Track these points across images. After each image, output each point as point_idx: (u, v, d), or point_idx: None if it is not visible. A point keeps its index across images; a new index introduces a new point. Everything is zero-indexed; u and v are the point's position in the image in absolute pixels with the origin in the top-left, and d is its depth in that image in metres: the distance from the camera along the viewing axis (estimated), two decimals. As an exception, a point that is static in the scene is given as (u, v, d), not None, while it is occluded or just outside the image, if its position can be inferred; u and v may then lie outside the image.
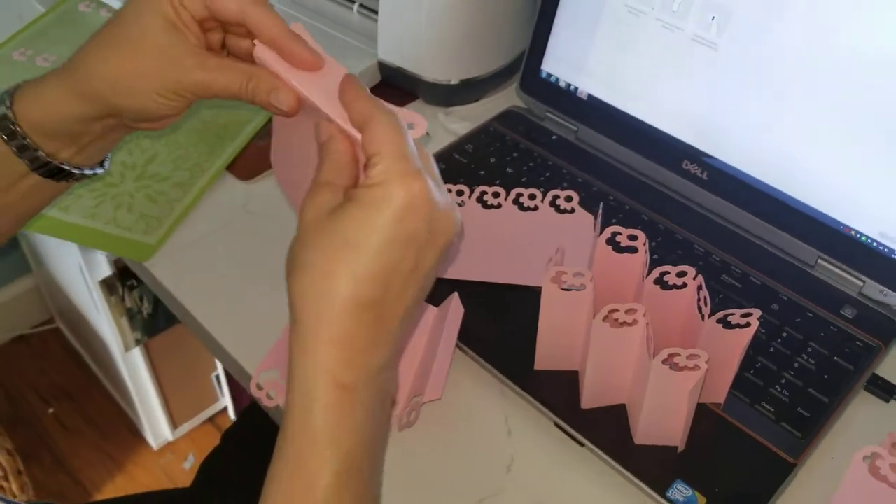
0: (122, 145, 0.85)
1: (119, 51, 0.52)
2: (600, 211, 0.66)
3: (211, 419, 1.75)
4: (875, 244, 0.67)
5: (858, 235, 0.68)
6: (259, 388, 0.62)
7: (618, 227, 0.60)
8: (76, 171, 0.58)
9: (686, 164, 0.76)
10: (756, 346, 0.64)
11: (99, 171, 0.61)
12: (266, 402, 0.63)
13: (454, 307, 0.63)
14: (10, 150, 0.55)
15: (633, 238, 0.60)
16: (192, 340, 1.57)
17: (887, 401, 0.64)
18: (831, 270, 0.70)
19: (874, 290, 0.68)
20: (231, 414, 1.74)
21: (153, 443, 1.70)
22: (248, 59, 0.55)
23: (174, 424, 1.68)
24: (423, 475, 0.60)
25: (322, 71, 0.53)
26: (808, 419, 0.61)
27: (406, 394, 0.61)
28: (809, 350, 0.65)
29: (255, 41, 0.54)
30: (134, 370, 1.53)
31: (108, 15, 1.02)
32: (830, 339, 0.66)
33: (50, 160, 0.56)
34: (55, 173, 0.57)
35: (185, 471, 1.69)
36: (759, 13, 0.68)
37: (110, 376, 1.71)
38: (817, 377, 0.63)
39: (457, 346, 0.65)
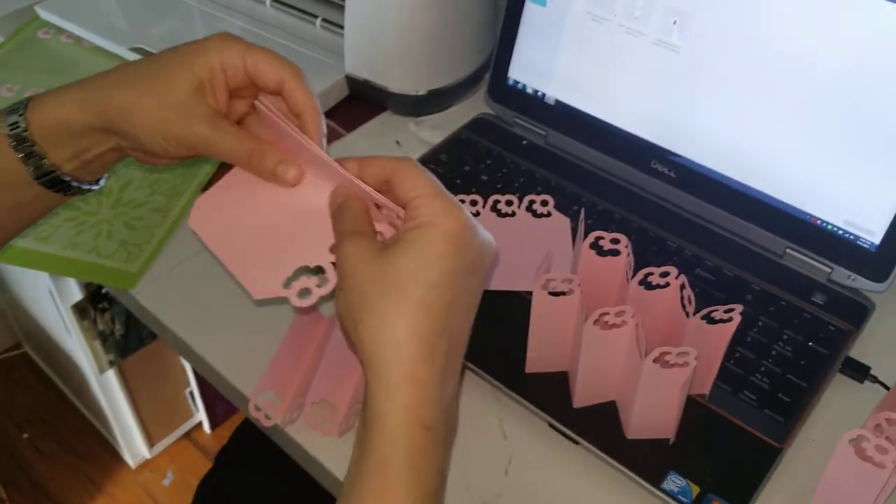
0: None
1: (142, 87, 0.53)
2: (582, 217, 0.68)
3: (187, 434, 1.75)
4: (841, 231, 0.70)
5: (824, 224, 0.71)
6: (257, 409, 0.64)
7: (601, 231, 0.62)
8: (74, 184, 0.59)
9: (654, 164, 0.79)
10: (734, 337, 0.66)
11: (94, 187, 0.62)
12: (264, 423, 0.64)
13: None
14: (15, 157, 0.55)
15: (615, 241, 0.63)
16: (165, 358, 1.57)
17: (862, 381, 0.67)
18: (800, 259, 0.73)
19: (842, 276, 0.71)
20: (206, 428, 1.74)
21: (131, 461, 1.69)
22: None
23: (151, 442, 1.68)
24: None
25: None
26: (789, 404, 0.63)
27: (348, 401, 0.63)
28: (785, 337, 0.68)
29: (260, 96, 0.56)
30: (108, 391, 1.52)
31: (67, 41, 1.02)
32: (804, 326, 0.69)
33: (53, 169, 0.57)
34: (55, 184, 0.58)
35: (165, 488, 1.68)
36: (719, 16, 0.71)
37: (83, 398, 1.70)
38: (794, 363, 0.66)
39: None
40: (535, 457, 0.63)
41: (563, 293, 0.60)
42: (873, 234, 0.69)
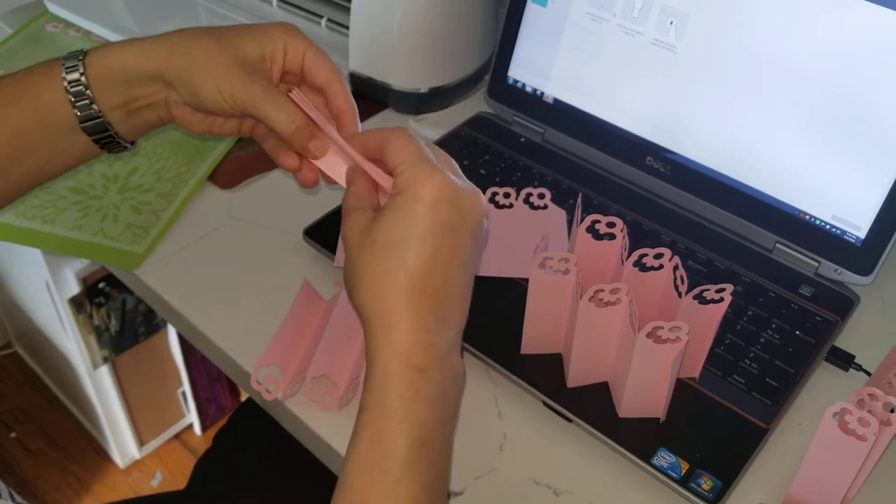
0: (102, 158, 0.87)
1: (213, 43, 0.58)
2: (579, 202, 0.70)
3: (177, 436, 1.75)
4: (828, 227, 0.73)
5: (813, 219, 0.74)
6: (259, 383, 0.65)
7: (597, 215, 0.65)
8: (112, 137, 0.61)
9: (649, 160, 0.81)
10: (724, 324, 0.69)
11: (130, 147, 0.65)
12: (266, 396, 0.65)
13: None
14: (66, 100, 0.58)
15: (611, 225, 0.65)
16: (159, 357, 1.58)
17: (846, 370, 0.69)
18: (789, 253, 0.75)
19: (829, 270, 0.73)
20: (197, 430, 1.75)
21: (120, 461, 1.70)
22: None
23: (141, 442, 1.68)
24: (423, 456, 0.63)
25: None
26: (776, 388, 0.65)
27: (347, 376, 0.65)
28: (773, 326, 0.70)
29: (295, 89, 0.60)
30: (101, 388, 1.53)
31: (76, 35, 1.05)
32: (792, 316, 0.71)
33: (99, 115, 0.59)
34: (96, 132, 0.60)
35: (153, 488, 1.69)
36: (715, 18, 0.74)
37: (73, 397, 1.71)
38: (782, 350, 0.68)
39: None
40: (529, 434, 0.65)
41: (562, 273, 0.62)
42: (859, 228, 0.71)
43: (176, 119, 0.62)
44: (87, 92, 0.58)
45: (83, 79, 0.58)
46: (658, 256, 0.62)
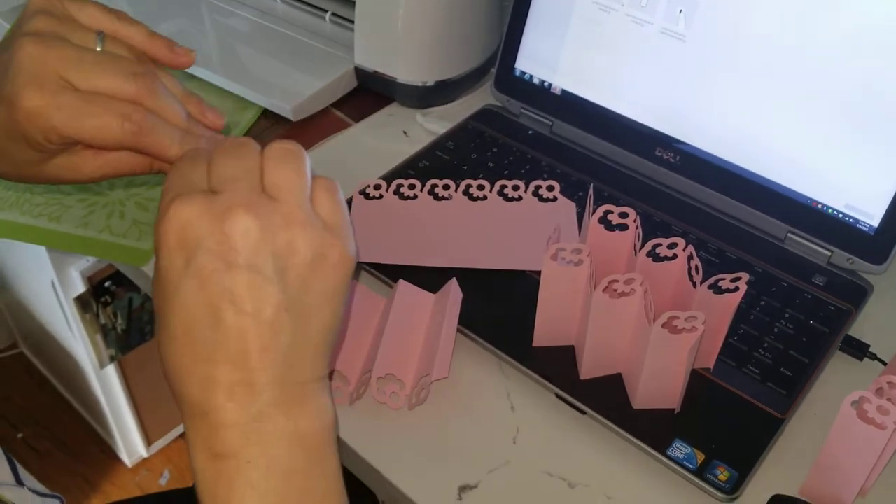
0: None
1: None
2: (590, 192, 0.70)
3: (183, 435, 1.75)
4: (841, 215, 0.72)
5: (825, 208, 0.73)
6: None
7: (609, 205, 0.64)
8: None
9: (659, 151, 0.81)
10: (738, 315, 0.68)
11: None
12: (337, 402, 0.65)
13: (454, 291, 0.66)
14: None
15: (623, 216, 0.64)
16: (165, 355, 1.57)
17: (861, 359, 0.69)
18: (801, 243, 0.75)
19: (841, 259, 0.73)
20: (204, 428, 1.75)
21: (127, 460, 1.70)
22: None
23: (148, 441, 1.68)
24: (434, 448, 0.63)
25: None
26: (791, 378, 0.65)
27: (413, 374, 0.64)
28: (787, 316, 0.70)
29: None
30: (108, 388, 1.53)
31: (79, 32, 1.04)
32: (805, 306, 0.71)
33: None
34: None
35: (161, 487, 1.68)
36: (724, 6, 0.73)
37: (80, 397, 1.70)
38: (796, 340, 0.68)
39: (458, 329, 0.68)
40: (543, 426, 0.65)
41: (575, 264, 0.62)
42: (872, 217, 0.71)
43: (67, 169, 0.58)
44: None
45: None
46: (672, 246, 0.62)
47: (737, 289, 0.60)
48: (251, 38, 1.00)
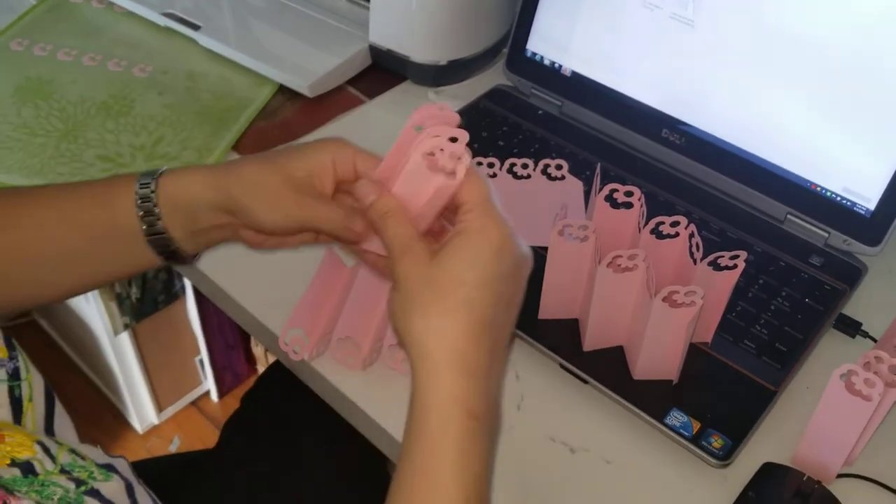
0: (128, 127, 0.89)
1: (267, 166, 0.60)
2: (597, 171, 0.72)
3: (194, 402, 1.79)
4: (839, 198, 0.75)
5: (824, 191, 0.76)
6: (286, 344, 0.68)
7: (615, 184, 0.67)
8: (174, 249, 0.63)
9: (665, 132, 0.83)
10: (736, 292, 0.71)
11: (192, 260, 0.67)
12: (292, 357, 0.68)
13: None
14: (136, 213, 0.61)
15: (628, 194, 0.67)
16: (177, 325, 1.61)
17: (853, 336, 0.72)
18: (799, 224, 0.77)
19: (838, 240, 0.76)
20: (214, 397, 1.78)
21: (139, 427, 1.73)
22: None
23: (159, 408, 1.72)
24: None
25: None
26: (785, 353, 0.68)
27: None
28: (783, 294, 0.72)
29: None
30: (121, 355, 1.56)
31: (99, 5, 1.07)
32: (801, 285, 0.73)
33: (163, 231, 0.61)
34: (160, 245, 0.63)
35: (171, 453, 1.72)
36: (731, -8, 0.75)
37: (92, 363, 1.74)
38: (791, 317, 0.71)
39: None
40: (546, 394, 0.68)
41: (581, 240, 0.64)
42: (869, 200, 0.73)
43: (242, 240, 0.64)
44: (155, 210, 0.61)
45: (153, 196, 0.60)
46: (674, 224, 0.65)
47: (735, 266, 0.62)
48: (268, 16, 1.02)
